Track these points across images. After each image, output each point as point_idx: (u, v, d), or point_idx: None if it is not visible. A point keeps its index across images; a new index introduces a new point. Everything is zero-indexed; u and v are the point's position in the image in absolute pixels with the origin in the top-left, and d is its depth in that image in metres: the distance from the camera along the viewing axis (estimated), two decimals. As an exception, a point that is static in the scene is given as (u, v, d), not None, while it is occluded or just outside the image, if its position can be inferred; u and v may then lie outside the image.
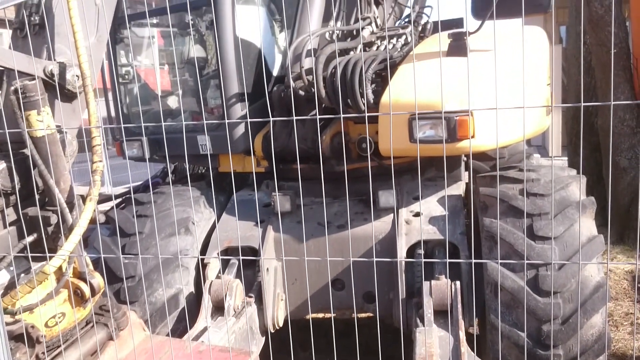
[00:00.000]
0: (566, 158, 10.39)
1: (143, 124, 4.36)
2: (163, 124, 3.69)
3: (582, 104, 1.48)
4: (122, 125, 4.32)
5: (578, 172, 3.63)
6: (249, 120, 3.75)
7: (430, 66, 3.48)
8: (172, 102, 4.73)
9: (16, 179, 2.29)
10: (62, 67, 2.40)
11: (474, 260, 2.17)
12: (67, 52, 2.46)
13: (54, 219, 2.31)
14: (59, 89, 2.40)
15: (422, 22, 4.77)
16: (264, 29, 4.33)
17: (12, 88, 2.15)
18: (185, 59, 4.59)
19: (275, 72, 4.33)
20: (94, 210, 2.29)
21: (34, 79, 2.20)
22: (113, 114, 4.58)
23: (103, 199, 5.18)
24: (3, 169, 2.25)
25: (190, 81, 4.56)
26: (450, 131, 3.21)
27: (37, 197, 2.30)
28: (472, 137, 3.20)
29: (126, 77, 4.61)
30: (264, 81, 4.11)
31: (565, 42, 11.67)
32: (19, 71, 2.22)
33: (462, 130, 3.20)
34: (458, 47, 3.52)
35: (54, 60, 2.41)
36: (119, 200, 5.66)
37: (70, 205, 2.33)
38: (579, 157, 7.00)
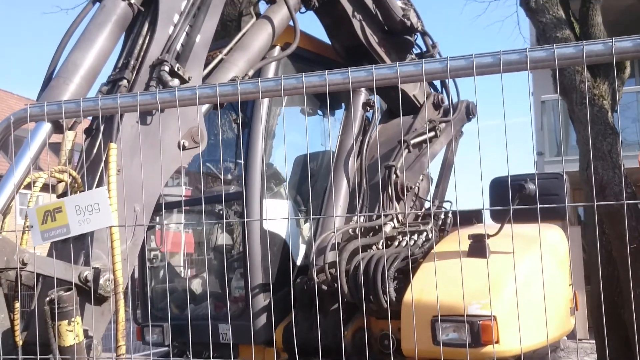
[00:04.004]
0: (593, 341, 10.00)
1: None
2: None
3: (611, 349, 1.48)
4: (148, 323, 4.36)
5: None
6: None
7: (451, 267, 3.53)
8: (195, 286, 4.80)
9: None
10: (97, 273, 2.50)
11: None
12: (104, 257, 2.57)
13: None
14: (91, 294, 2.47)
15: (442, 215, 4.91)
16: (290, 220, 4.50)
17: (47, 299, 2.22)
18: (213, 246, 4.73)
19: (298, 262, 4.43)
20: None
21: (70, 288, 2.28)
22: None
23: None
24: None
25: (215, 269, 4.66)
26: (473, 335, 3.20)
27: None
28: (497, 342, 3.18)
29: (154, 261, 4.74)
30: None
31: (584, 217, 11.78)
32: (57, 279, 2.31)
33: (486, 335, 3.19)
34: (478, 249, 3.61)
35: (91, 265, 2.52)
36: None
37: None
38: (606, 351, 6.71)
